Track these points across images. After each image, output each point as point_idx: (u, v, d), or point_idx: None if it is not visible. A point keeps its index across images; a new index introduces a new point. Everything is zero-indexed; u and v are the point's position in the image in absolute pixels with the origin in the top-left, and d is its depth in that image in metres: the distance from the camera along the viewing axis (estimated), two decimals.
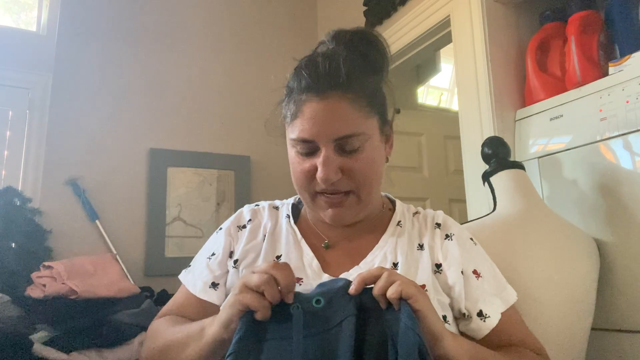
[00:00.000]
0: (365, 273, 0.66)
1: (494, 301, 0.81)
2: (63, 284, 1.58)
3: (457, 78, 1.77)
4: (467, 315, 0.80)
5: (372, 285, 0.65)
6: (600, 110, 1.27)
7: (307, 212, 0.94)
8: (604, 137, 1.26)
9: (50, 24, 2.22)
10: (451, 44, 1.82)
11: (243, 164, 2.43)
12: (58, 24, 2.19)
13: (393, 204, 0.96)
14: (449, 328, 0.76)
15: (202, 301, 0.84)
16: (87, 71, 2.20)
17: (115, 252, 2.05)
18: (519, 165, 1.27)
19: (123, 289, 1.72)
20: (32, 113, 2.12)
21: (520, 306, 0.87)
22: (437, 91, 3.44)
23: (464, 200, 1.68)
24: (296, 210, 0.95)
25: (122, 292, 1.70)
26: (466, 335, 0.79)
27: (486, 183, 1.29)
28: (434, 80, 3.25)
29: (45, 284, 1.58)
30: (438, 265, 0.83)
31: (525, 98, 1.58)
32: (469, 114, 1.66)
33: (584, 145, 1.31)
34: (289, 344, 0.61)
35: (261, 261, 0.85)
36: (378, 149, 0.83)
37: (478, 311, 0.79)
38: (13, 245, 1.79)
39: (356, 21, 2.33)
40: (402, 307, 0.61)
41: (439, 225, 0.89)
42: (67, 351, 1.43)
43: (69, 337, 1.48)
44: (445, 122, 2.69)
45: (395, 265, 0.81)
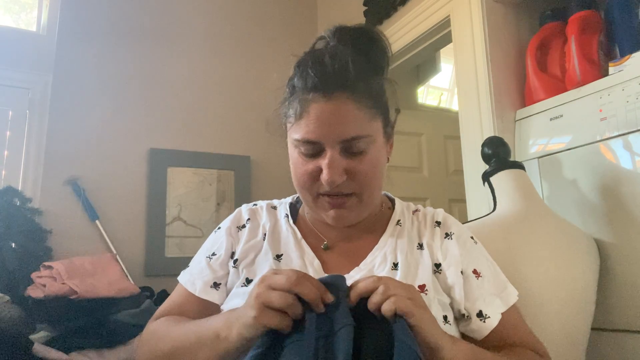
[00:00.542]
0: (361, 285, 0.63)
1: (494, 301, 0.80)
2: (63, 284, 1.58)
3: (457, 78, 1.77)
4: (466, 316, 0.79)
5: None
6: (600, 110, 1.27)
7: (305, 212, 0.93)
8: (604, 137, 1.26)
9: (50, 24, 2.22)
10: (451, 44, 1.82)
11: (243, 164, 2.43)
12: (58, 24, 2.19)
13: (392, 202, 0.95)
14: (449, 328, 0.75)
15: (203, 301, 0.83)
16: (87, 71, 2.20)
17: (115, 252, 2.05)
18: (519, 165, 1.26)
19: (123, 289, 1.72)
20: (32, 113, 2.12)
21: (520, 306, 0.87)
22: (437, 91, 3.44)
23: (464, 200, 1.68)
24: (294, 210, 0.95)
25: (122, 292, 1.70)
26: (467, 336, 0.79)
27: (486, 183, 1.28)
28: (434, 80, 3.25)
29: (45, 284, 1.58)
30: (437, 265, 0.82)
31: (525, 98, 1.58)
32: (469, 114, 1.66)
33: (584, 145, 1.31)
34: (300, 346, 0.61)
35: (261, 260, 0.84)
36: (381, 151, 0.82)
37: (478, 312, 0.79)
38: (13, 245, 1.79)
39: (356, 21, 2.31)
40: (397, 322, 0.60)
41: (438, 223, 0.88)
42: (67, 351, 1.43)
43: (69, 337, 1.48)
44: (445, 122, 2.69)
45: (395, 265, 0.80)
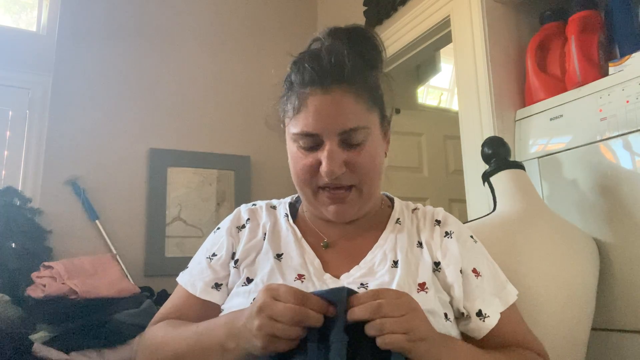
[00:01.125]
0: (359, 312, 0.60)
1: (493, 301, 0.80)
2: (63, 284, 1.58)
3: (457, 78, 1.77)
4: (466, 315, 0.79)
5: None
6: (600, 110, 1.27)
7: (305, 211, 0.93)
8: (604, 137, 1.26)
9: (50, 24, 2.22)
10: (451, 44, 1.82)
11: (243, 164, 2.43)
12: (58, 24, 2.19)
13: (392, 201, 0.95)
14: (449, 326, 0.76)
15: (204, 302, 0.83)
16: (87, 71, 2.20)
17: (115, 252, 2.05)
18: (519, 165, 1.26)
19: (123, 289, 1.72)
20: (32, 113, 2.12)
21: (520, 306, 0.87)
22: (437, 91, 3.44)
23: (464, 200, 1.68)
24: (294, 209, 0.95)
25: (122, 292, 1.70)
26: (466, 335, 0.79)
27: (486, 183, 1.28)
28: (434, 80, 3.25)
29: (45, 284, 1.58)
30: (437, 264, 0.82)
31: (525, 98, 1.58)
32: (469, 114, 1.66)
33: (584, 145, 1.31)
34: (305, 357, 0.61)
35: (262, 260, 0.84)
36: (379, 144, 0.84)
37: (477, 311, 0.79)
38: (13, 245, 1.79)
39: (356, 21, 2.32)
40: (394, 355, 0.60)
41: (438, 222, 0.88)
42: (67, 351, 1.43)
43: (69, 337, 1.48)
44: (445, 122, 2.69)
45: (395, 263, 0.80)
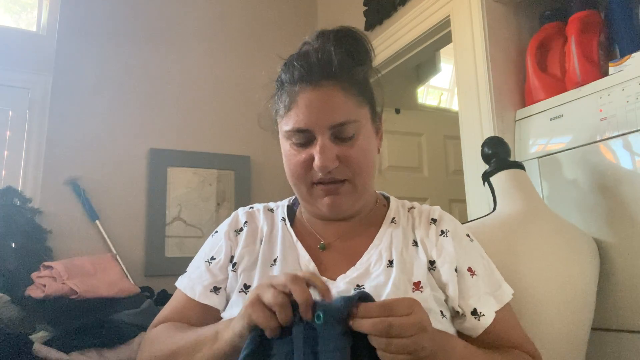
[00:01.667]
0: (367, 325, 0.59)
1: (488, 300, 0.80)
2: (63, 284, 1.58)
3: (457, 78, 1.77)
4: (461, 314, 0.80)
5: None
6: (600, 110, 1.27)
7: (302, 212, 0.94)
8: (604, 137, 1.26)
9: (50, 24, 2.22)
10: (451, 44, 1.82)
11: (243, 164, 2.43)
12: (58, 24, 2.19)
13: (387, 200, 0.96)
14: (445, 323, 0.76)
15: (203, 305, 0.83)
16: (87, 71, 2.20)
17: (115, 252, 2.05)
18: (519, 165, 1.26)
19: (123, 289, 1.72)
20: (32, 113, 2.12)
21: (520, 306, 0.87)
22: (437, 91, 3.44)
23: (464, 200, 1.68)
24: (291, 212, 0.95)
25: (122, 292, 1.70)
26: (462, 334, 0.80)
27: (486, 183, 1.28)
28: (434, 80, 3.25)
29: (45, 284, 1.58)
30: (432, 262, 0.82)
31: (525, 98, 1.58)
32: (469, 114, 1.66)
33: (584, 145, 1.31)
34: (287, 356, 0.60)
35: (258, 265, 0.84)
36: (371, 138, 0.85)
37: (472, 310, 0.79)
38: (13, 245, 1.79)
39: (356, 21, 2.33)
40: None
41: (434, 221, 0.88)
42: (67, 351, 1.43)
43: (69, 337, 1.48)
44: (445, 122, 2.69)
45: (390, 262, 0.81)
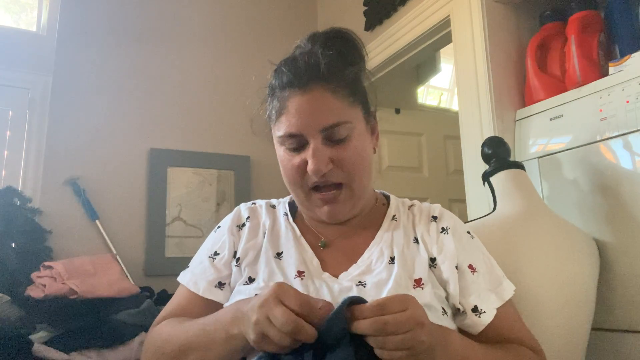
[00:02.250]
0: (363, 327, 0.60)
1: (489, 297, 0.81)
2: (63, 284, 1.58)
3: (457, 78, 1.77)
4: (462, 311, 0.80)
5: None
6: (600, 110, 1.27)
7: (302, 211, 0.94)
8: (604, 137, 1.26)
9: (50, 24, 2.22)
10: (451, 44, 1.82)
11: (243, 164, 2.43)
12: (58, 24, 2.19)
13: (387, 199, 0.96)
14: (446, 320, 0.76)
15: (207, 301, 0.83)
16: (87, 71, 2.20)
17: (115, 252, 2.05)
18: (519, 165, 1.26)
19: (123, 289, 1.72)
20: (32, 113, 2.12)
21: (520, 306, 0.87)
22: (437, 91, 3.44)
23: (464, 200, 1.68)
24: (293, 208, 0.95)
25: (122, 292, 1.70)
26: (463, 331, 0.79)
27: (486, 183, 1.28)
28: (434, 80, 3.25)
29: (45, 284, 1.58)
30: (433, 260, 0.83)
31: (525, 98, 1.58)
32: (469, 114, 1.66)
33: (584, 145, 1.31)
34: None
35: (262, 259, 0.84)
36: (365, 139, 0.84)
37: (473, 307, 0.79)
38: (13, 245, 1.79)
39: (356, 21, 2.33)
40: None
41: (435, 218, 0.88)
42: (67, 351, 1.43)
43: (69, 337, 1.48)
44: (445, 122, 2.69)
45: (392, 259, 0.81)
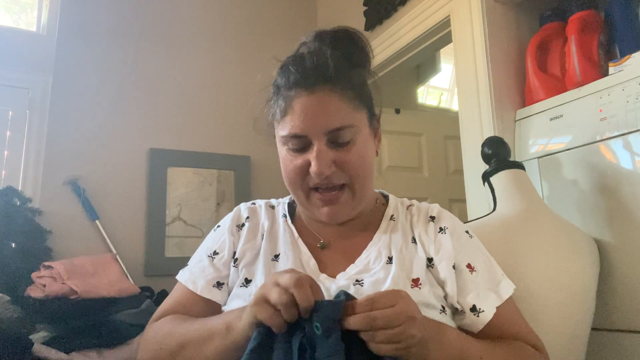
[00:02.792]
0: (353, 322, 0.61)
1: (488, 296, 0.80)
2: (63, 284, 1.58)
3: (457, 78, 1.77)
4: (460, 310, 0.80)
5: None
6: (600, 110, 1.27)
7: (301, 212, 0.94)
8: (604, 137, 1.26)
9: (50, 24, 2.22)
10: (451, 44, 1.82)
11: (243, 164, 2.43)
12: (58, 24, 2.19)
13: (386, 199, 0.96)
14: (445, 318, 0.76)
15: (205, 300, 0.83)
16: (87, 71, 2.20)
17: (115, 252, 2.05)
18: (519, 165, 1.26)
19: (123, 289, 1.72)
20: (32, 113, 2.12)
21: (521, 306, 0.87)
22: (437, 91, 3.44)
23: (464, 200, 1.68)
24: (292, 209, 0.96)
25: (122, 292, 1.70)
26: (463, 330, 0.79)
27: (486, 183, 1.28)
28: (434, 80, 3.25)
29: (45, 284, 1.57)
30: (430, 259, 0.83)
31: (525, 98, 1.58)
32: (469, 114, 1.66)
33: (584, 145, 1.31)
34: (284, 354, 0.62)
35: (259, 261, 0.84)
36: (368, 142, 0.84)
37: (471, 306, 0.79)
38: (13, 245, 1.79)
39: (356, 21, 2.33)
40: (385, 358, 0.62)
41: (433, 218, 0.88)
42: (67, 351, 1.43)
43: (69, 337, 1.48)
44: (445, 122, 2.69)
45: (389, 259, 0.81)
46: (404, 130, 2.55)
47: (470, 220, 1.22)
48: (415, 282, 0.78)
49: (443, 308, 0.77)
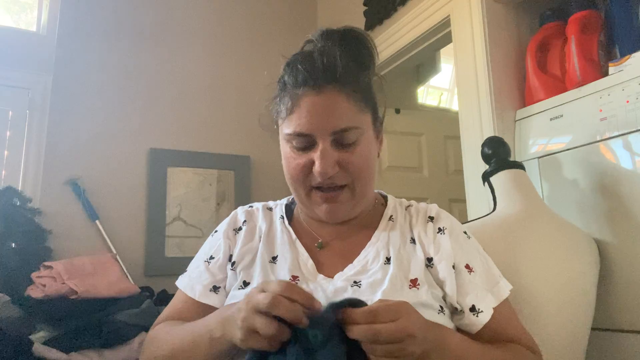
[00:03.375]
0: (356, 333, 0.60)
1: (486, 296, 0.81)
2: (63, 284, 1.58)
3: (457, 78, 1.77)
4: (459, 310, 0.80)
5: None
6: (600, 110, 1.27)
7: (299, 212, 0.94)
8: (604, 137, 1.26)
9: (50, 24, 2.22)
10: (451, 44, 1.82)
11: (243, 164, 2.43)
12: (58, 24, 2.19)
13: (385, 199, 0.96)
14: (443, 319, 0.76)
15: (203, 305, 0.84)
16: (87, 71, 2.20)
17: (115, 252, 2.05)
18: (519, 165, 1.26)
19: (123, 289, 1.72)
20: (32, 113, 2.12)
21: (520, 306, 0.87)
22: (437, 91, 3.44)
23: (464, 200, 1.68)
24: (289, 211, 0.96)
25: (122, 292, 1.70)
26: (461, 330, 0.80)
27: (486, 183, 1.28)
28: (434, 80, 3.25)
29: (45, 284, 1.58)
30: (429, 259, 0.83)
31: (525, 98, 1.58)
32: (469, 114, 1.66)
33: (584, 145, 1.31)
34: None
35: (257, 263, 0.85)
36: (372, 144, 0.85)
37: (470, 306, 0.79)
38: (13, 245, 1.79)
39: (356, 21, 2.33)
40: None
41: (431, 218, 0.88)
42: (67, 351, 1.43)
43: (69, 337, 1.48)
44: (445, 122, 2.69)
45: (388, 259, 0.81)
46: (404, 130, 2.55)
47: (470, 220, 1.22)
48: (414, 283, 0.78)
49: (441, 308, 0.77)
